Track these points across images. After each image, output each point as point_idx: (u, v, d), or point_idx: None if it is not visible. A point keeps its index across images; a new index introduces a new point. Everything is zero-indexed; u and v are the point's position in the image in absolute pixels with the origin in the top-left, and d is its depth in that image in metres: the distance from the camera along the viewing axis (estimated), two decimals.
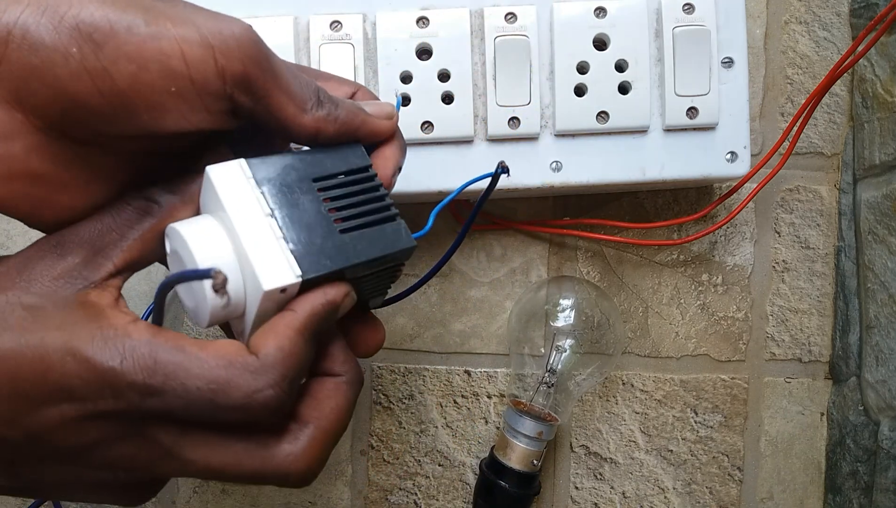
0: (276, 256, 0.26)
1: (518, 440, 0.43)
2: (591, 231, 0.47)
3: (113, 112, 0.25)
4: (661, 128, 0.42)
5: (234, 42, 0.25)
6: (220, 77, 0.25)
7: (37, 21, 0.24)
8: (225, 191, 0.27)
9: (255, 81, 0.26)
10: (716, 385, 0.48)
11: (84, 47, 0.24)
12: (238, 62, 0.26)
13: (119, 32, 0.24)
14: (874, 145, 0.44)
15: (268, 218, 0.27)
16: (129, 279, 0.28)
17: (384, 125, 0.31)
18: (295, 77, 0.28)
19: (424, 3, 0.42)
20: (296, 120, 0.28)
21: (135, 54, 0.24)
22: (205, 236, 0.26)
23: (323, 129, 0.29)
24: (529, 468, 0.43)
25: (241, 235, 0.26)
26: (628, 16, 0.42)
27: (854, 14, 0.47)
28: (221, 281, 0.25)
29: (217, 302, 0.26)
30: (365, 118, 0.30)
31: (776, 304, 0.48)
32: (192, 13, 0.26)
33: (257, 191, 0.27)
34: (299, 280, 0.26)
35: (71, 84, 0.24)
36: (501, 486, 0.43)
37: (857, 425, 0.45)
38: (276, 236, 0.27)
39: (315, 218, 0.28)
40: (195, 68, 0.25)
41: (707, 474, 0.48)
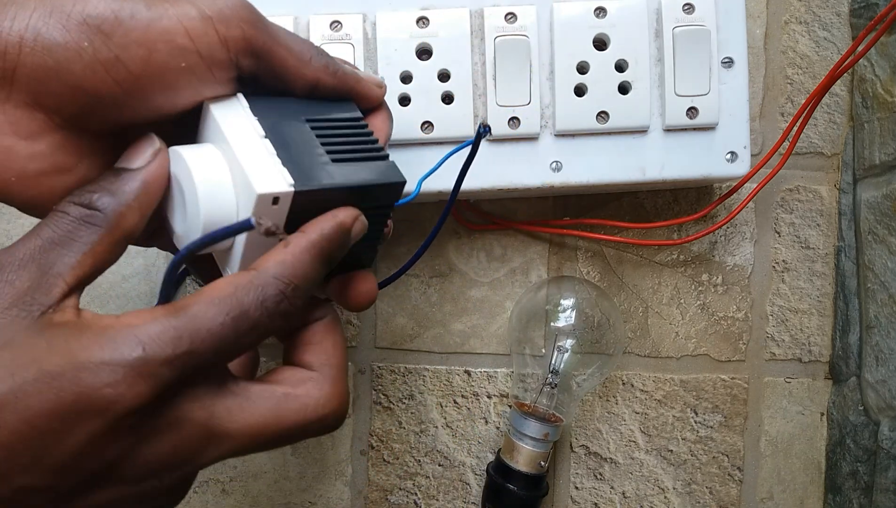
0: (270, 168, 0.27)
1: (524, 442, 0.43)
2: (591, 231, 0.47)
3: (129, 99, 0.26)
4: (661, 128, 0.42)
5: (229, 10, 0.27)
6: (223, 45, 0.27)
7: (46, 22, 0.25)
8: (223, 118, 0.28)
9: (255, 41, 0.27)
10: (716, 385, 0.48)
11: (95, 40, 0.25)
12: (237, 28, 0.27)
13: (124, 20, 0.25)
14: (874, 145, 0.44)
15: (263, 140, 0.28)
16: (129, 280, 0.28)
17: (376, 91, 0.32)
18: (292, 35, 0.29)
19: (424, 3, 0.42)
20: (298, 71, 0.29)
21: (142, 38, 0.25)
22: (203, 157, 0.27)
23: (322, 79, 0.30)
24: (537, 469, 0.43)
25: (236, 151, 0.27)
26: (628, 16, 0.41)
27: (854, 14, 0.47)
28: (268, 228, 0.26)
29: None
30: (359, 78, 0.32)
31: (776, 304, 0.48)
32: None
33: (253, 119, 0.28)
34: (291, 190, 0.27)
35: (87, 78, 0.25)
36: (510, 489, 0.43)
37: (857, 425, 0.45)
38: (270, 152, 0.28)
39: (307, 147, 0.29)
40: (200, 41, 0.26)
41: (707, 474, 0.48)
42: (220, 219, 0.27)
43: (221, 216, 0.27)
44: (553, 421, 0.44)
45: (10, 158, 0.26)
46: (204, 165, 0.27)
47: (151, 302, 0.48)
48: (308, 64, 0.29)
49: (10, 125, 0.25)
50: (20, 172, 0.26)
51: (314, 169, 0.28)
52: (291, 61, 0.29)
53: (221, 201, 0.27)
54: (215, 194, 0.27)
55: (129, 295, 0.48)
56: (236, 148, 0.27)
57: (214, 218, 0.27)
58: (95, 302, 0.48)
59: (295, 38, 0.29)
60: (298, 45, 0.29)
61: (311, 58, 0.30)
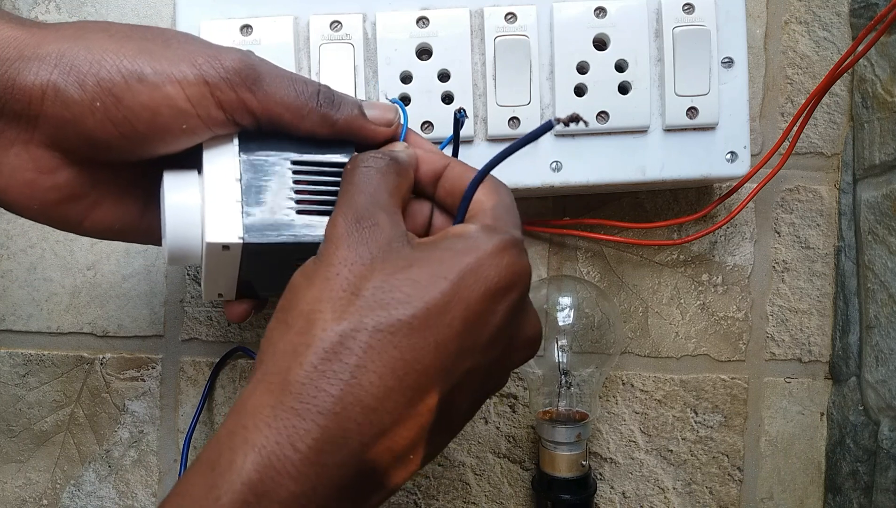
0: (229, 216, 0.30)
1: (560, 450, 0.43)
2: (591, 231, 0.47)
3: (135, 148, 0.30)
4: (661, 128, 0.42)
5: (226, 73, 0.30)
6: (219, 107, 0.30)
7: (65, 80, 0.28)
8: (209, 153, 0.31)
9: (249, 104, 0.30)
10: (716, 385, 0.48)
11: (106, 101, 0.29)
12: (232, 92, 0.30)
13: (132, 84, 0.29)
14: (874, 145, 0.44)
15: (236, 183, 0.31)
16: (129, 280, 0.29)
17: (382, 132, 0.33)
18: (292, 86, 0.31)
19: (424, 3, 0.42)
20: (293, 126, 0.32)
21: (148, 102, 0.29)
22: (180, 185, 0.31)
23: (318, 131, 0.32)
24: (580, 471, 0.43)
25: (206, 191, 0.30)
26: (628, 16, 0.42)
27: (854, 14, 0.47)
28: (566, 119, 0.29)
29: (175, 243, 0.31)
30: (363, 124, 0.33)
31: (776, 304, 0.48)
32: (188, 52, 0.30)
33: (237, 159, 0.31)
34: (241, 242, 0.30)
35: (98, 131, 0.29)
36: (562, 499, 0.43)
37: (857, 425, 0.45)
38: (237, 199, 0.30)
39: (279, 193, 0.31)
40: (198, 106, 0.29)
41: (707, 474, 0.48)
42: (184, 242, 0.31)
43: (185, 242, 0.31)
44: (580, 419, 0.44)
45: (34, 189, 0.31)
46: (178, 194, 0.31)
47: (152, 302, 0.48)
48: (304, 119, 0.31)
49: (33, 162, 0.30)
50: (42, 201, 0.31)
51: (275, 220, 0.31)
52: (287, 117, 0.31)
53: (187, 229, 0.31)
54: (182, 221, 0.31)
55: (130, 295, 0.48)
56: (207, 189, 0.31)
57: (178, 241, 0.31)
58: (95, 302, 0.48)
59: (293, 88, 0.31)
60: (295, 98, 0.31)
61: (309, 112, 0.31)
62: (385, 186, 0.30)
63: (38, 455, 0.49)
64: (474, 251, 0.28)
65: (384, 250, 0.28)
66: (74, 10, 0.49)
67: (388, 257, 0.28)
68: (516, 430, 0.48)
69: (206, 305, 0.48)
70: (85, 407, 0.49)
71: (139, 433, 0.49)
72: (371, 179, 0.30)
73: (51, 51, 0.29)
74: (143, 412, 0.49)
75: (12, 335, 0.49)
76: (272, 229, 0.30)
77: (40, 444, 0.49)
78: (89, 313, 0.49)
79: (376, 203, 0.29)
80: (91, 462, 0.49)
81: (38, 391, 0.49)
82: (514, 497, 0.48)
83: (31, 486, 0.49)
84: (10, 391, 0.49)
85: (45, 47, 0.29)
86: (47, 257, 0.49)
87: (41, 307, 0.49)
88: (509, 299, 0.28)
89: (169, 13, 0.49)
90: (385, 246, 0.28)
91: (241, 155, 0.31)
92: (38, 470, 0.49)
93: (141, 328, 0.49)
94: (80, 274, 0.49)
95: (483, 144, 0.43)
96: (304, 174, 0.32)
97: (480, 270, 0.27)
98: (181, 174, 0.32)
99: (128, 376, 0.49)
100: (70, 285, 0.49)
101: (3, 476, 0.49)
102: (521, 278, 0.28)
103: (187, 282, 0.48)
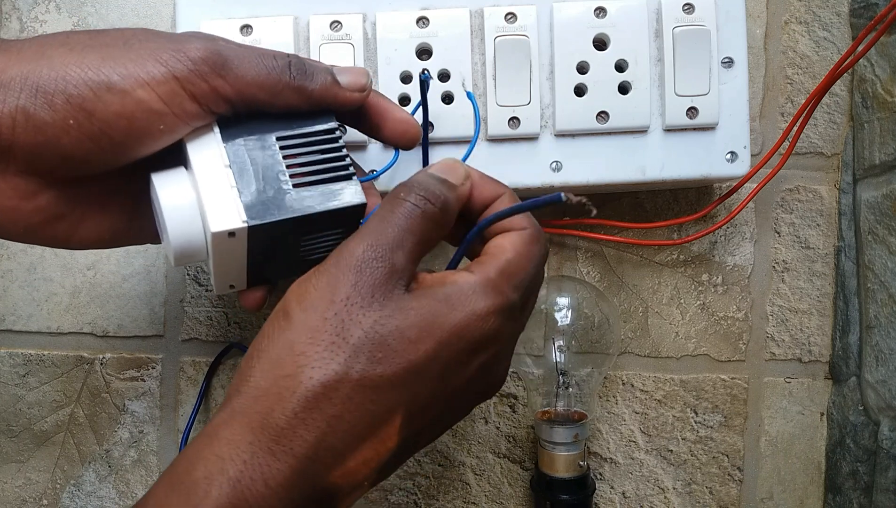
0: (228, 203, 0.30)
1: (558, 450, 0.43)
2: (591, 231, 0.47)
3: (114, 158, 0.30)
4: (661, 128, 0.42)
5: (194, 64, 0.29)
6: (193, 101, 0.29)
7: (34, 104, 0.28)
8: (193, 146, 0.31)
9: (222, 90, 0.30)
10: (716, 385, 0.48)
11: (79, 117, 0.28)
12: (203, 82, 0.29)
13: (102, 95, 0.28)
14: (874, 145, 0.44)
15: (226, 169, 0.30)
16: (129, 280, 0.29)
17: (356, 98, 0.33)
18: (262, 63, 0.31)
19: (424, 3, 0.42)
20: (269, 103, 0.31)
21: (121, 111, 0.28)
22: (171, 184, 0.31)
23: (295, 105, 0.32)
24: (579, 471, 0.43)
25: (199, 183, 0.30)
26: (628, 16, 0.41)
27: (854, 14, 0.47)
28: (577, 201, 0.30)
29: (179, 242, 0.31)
30: (337, 92, 0.33)
31: (776, 304, 0.48)
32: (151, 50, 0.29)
33: (222, 148, 0.31)
34: (245, 225, 0.30)
35: (74, 149, 0.29)
36: (561, 499, 0.43)
37: (857, 425, 0.45)
38: (231, 184, 0.30)
39: (270, 172, 0.31)
40: (172, 103, 0.29)
41: (707, 474, 0.48)
42: (188, 241, 0.31)
43: (189, 239, 0.31)
44: (578, 420, 0.44)
45: (17, 215, 0.30)
46: (172, 195, 0.31)
47: (152, 302, 0.48)
48: (279, 95, 0.31)
49: (13, 190, 0.30)
50: (26, 224, 0.31)
51: (273, 198, 0.30)
52: (262, 96, 0.31)
53: (188, 227, 0.31)
54: (182, 220, 0.30)
55: (129, 295, 0.48)
56: (200, 181, 0.30)
57: (182, 241, 0.31)
58: (95, 302, 0.48)
59: (263, 66, 0.31)
60: (267, 76, 0.30)
61: (283, 87, 0.31)
62: (420, 232, 0.30)
63: (38, 455, 0.49)
64: (465, 308, 0.29)
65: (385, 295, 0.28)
66: (74, 10, 0.49)
67: (386, 303, 0.28)
68: (516, 430, 0.48)
69: (206, 305, 0.48)
70: (85, 407, 0.49)
71: (139, 433, 0.49)
72: (411, 219, 0.30)
73: (14, 75, 0.28)
74: (143, 412, 0.49)
75: (12, 335, 0.49)
76: (273, 207, 0.30)
77: (40, 444, 0.49)
78: (89, 313, 0.49)
79: (402, 246, 0.29)
80: (91, 462, 0.49)
81: (38, 391, 0.49)
82: (514, 497, 0.48)
83: (31, 486, 0.49)
84: (10, 391, 0.49)
85: (7, 73, 0.28)
86: (47, 257, 0.49)
87: (41, 307, 0.49)
88: (484, 356, 0.29)
89: (169, 13, 0.49)
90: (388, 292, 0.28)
91: (225, 142, 0.31)
92: (38, 470, 0.49)
93: (141, 328, 0.49)
94: (80, 274, 0.49)
95: (483, 144, 0.42)
96: (292, 148, 0.31)
97: (466, 330, 0.28)
98: (169, 174, 0.31)
99: (128, 376, 0.49)
100: (70, 285, 0.49)
101: (3, 476, 0.49)
102: (499, 340, 0.30)
103: (187, 282, 0.48)
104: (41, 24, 0.49)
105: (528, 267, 0.31)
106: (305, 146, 0.32)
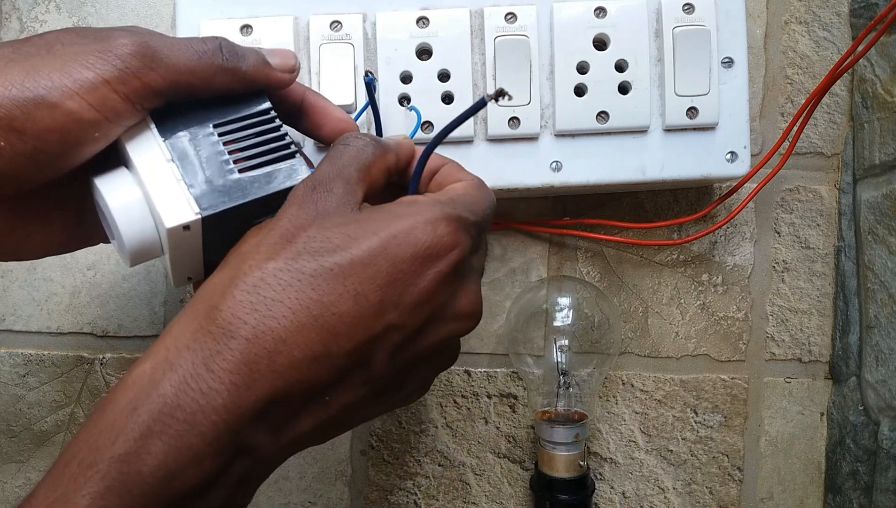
0: (177, 197, 0.30)
1: (558, 450, 0.43)
2: (591, 231, 0.47)
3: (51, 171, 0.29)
4: (661, 128, 0.42)
5: (123, 63, 0.28)
6: (126, 101, 0.29)
7: None
8: (132, 145, 0.30)
9: (155, 84, 0.29)
10: (716, 385, 0.48)
11: (10, 138, 0.27)
12: (135, 79, 0.28)
13: (31, 112, 0.27)
14: (874, 145, 0.44)
15: (170, 164, 0.30)
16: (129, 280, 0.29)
17: (287, 78, 0.33)
18: (192, 49, 0.30)
19: (424, 3, 0.42)
20: (201, 89, 0.31)
21: (53, 125, 0.27)
22: (117, 186, 0.30)
23: (228, 87, 0.31)
24: (578, 471, 0.43)
25: (145, 182, 0.30)
26: (628, 16, 0.42)
27: (854, 14, 0.47)
28: (495, 93, 0.31)
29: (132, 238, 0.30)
30: (269, 72, 0.33)
31: (776, 304, 0.48)
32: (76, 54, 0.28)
33: (160, 141, 0.30)
34: (199, 217, 0.29)
35: (10, 170, 0.28)
36: (560, 500, 0.43)
37: (857, 425, 0.45)
38: (177, 178, 0.30)
39: (214, 161, 0.31)
40: (103, 108, 0.28)
41: (707, 474, 0.48)
42: (142, 239, 0.31)
43: (143, 237, 0.31)
44: (579, 420, 0.44)
45: None
46: (118, 195, 0.30)
47: (152, 302, 0.48)
48: (212, 80, 0.31)
49: None
50: None
51: (222, 186, 0.30)
52: (196, 83, 0.30)
53: (140, 225, 0.30)
54: (133, 219, 0.30)
55: (129, 295, 0.48)
56: (145, 178, 0.30)
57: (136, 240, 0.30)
58: (95, 302, 0.48)
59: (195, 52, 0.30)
60: (199, 61, 0.30)
61: (216, 71, 0.31)
62: (355, 162, 0.31)
63: (38, 455, 0.49)
64: (412, 217, 0.29)
65: (329, 211, 0.29)
66: (74, 9, 0.49)
67: (330, 215, 0.29)
68: (516, 430, 0.48)
69: None
70: (85, 407, 0.49)
71: None
72: (342, 153, 0.31)
73: None
74: None
75: (12, 335, 0.49)
76: (223, 195, 0.30)
77: (40, 444, 0.49)
78: (89, 313, 0.49)
79: (339, 175, 0.30)
80: None
81: (38, 391, 0.49)
82: (514, 497, 0.48)
83: (31, 486, 0.49)
84: (10, 391, 0.49)
85: None
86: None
87: (41, 307, 0.49)
88: (438, 267, 0.29)
89: (169, 13, 0.49)
90: (332, 208, 0.29)
91: (164, 137, 0.31)
92: (38, 470, 0.49)
93: (141, 328, 0.49)
94: (80, 274, 0.49)
95: (483, 144, 0.43)
96: (231, 134, 0.31)
97: (412, 232, 0.28)
98: (112, 176, 0.31)
99: None
100: (70, 285, 0.49)
101: (3, 476, 0.49)
102: (452, 249, 0.29)
103: None
104: (41, 24, 0.49)
105: (478, 197, 0.32)
106: (244, 130, 0.32)
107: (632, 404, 0.48)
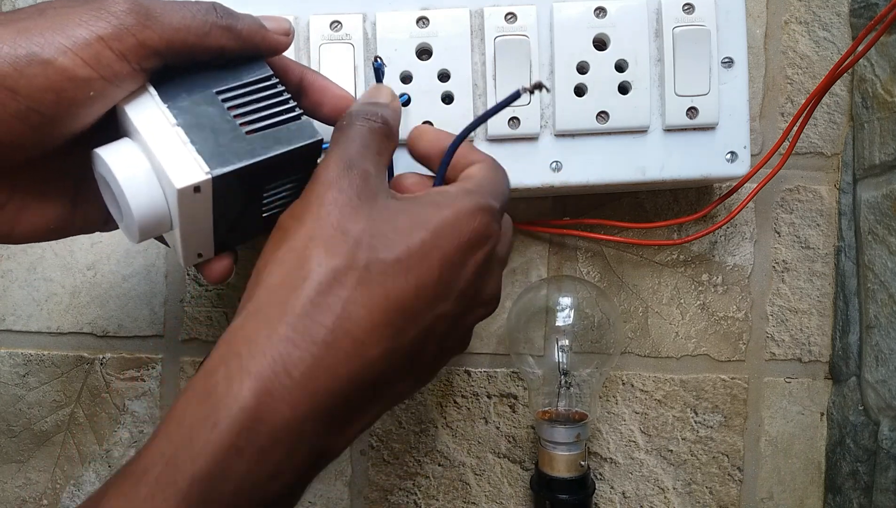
0: (186, 158, 0.29)
1: (559, 450, 0.43)
2: (591, 231, 0.47)
3: (47, 137, 0.28)
4: (661, 128, 0.42)
5: (118, 19, 0.27)
6: (122, 59, 0.28)
7: None
8: (134, 111, 0.29)
9: (151, 43, 0.28)
10: (716, 385, 0.48)
11: (2, 96, 0.26)
12: (129, 36, 0.27)
13: (23, 69, 0.26)
14: (874, 145, 0.44)
15: (175, 128, 0.29)
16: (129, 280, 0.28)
17: (283, 41, 0.33)
18: (186, 8, 0.30)
19: (424, 3, 0.42)
20: (199, 46, 0.30)
21: (47, 84, 0.26)
22: (121, 155, 0.29)
23: (226, 45, 0.31)
24: (579, 471, 0.43)
25: (151, 146, 0.29)
26: (628, 16, 0.42)
27: (854, 14, 0.47)
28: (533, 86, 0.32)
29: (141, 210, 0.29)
30: (265, 34, 0.32)
31: (776, 304, 0.48)
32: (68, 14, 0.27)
33: (163, 107, 0.30)
34: (209, 177, 0.29)
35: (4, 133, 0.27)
36: (561, 499, 0.43)
37: (857, 425, 0.45)
38: (184, 140, 0.29)
39: (220, 124, 0.30)
40: (100, 67, 0.27)
41: (707, 474, 0.48)
42: (151, 210, 0.29)
43: (153, 208, 0.29)
44: (579, 420, 0.44)
45: None
46: (124, 165, 0.29)
47: (152, 302, 0.48)
48: (208, 35, 0.30)
49: None
50: None
51: (230, 147, 0.29)
52: (192, 40, 0.30)
53: (149, 194, 0.29)
54: (141, 189, 0.29)
55: (130, 295, 0.48)
56: (151, 143, 0.29)
57: (145, 211, 0.29)
58: (95, 302, 0.48)
59: (187, 10, 0.30)
60: (193, 18, 0.30)
61: (211, 27, 0.30)
62: (375, 144, 0.31)
63: (38, 455, 0.49)
64: (452, 207, 0.30)
65: (370, 198, 0.29)
66: None
67: (374, 205, 0.29)
68: (516, 430, 0.48)
69: (206, 305, 0.48)
70: (85, 407, 0.49)
71: (139, 434, 0.49)
72: (364, 134, 0.31)
73: None
74: (144, 412, 0.49)
75: (12, 335, 0.49)
76: (232, 155, 0.29)
77: (40, 444, 0.49)
78: (89, 313, 0.49)
79: (366, 156, 0.30)
80: (91, 462, 0.49)
81: (38, 391, 0.49)
82: (514, 497, 0.48)
83: (31, 486, 0.49)
84: (10, 391, 0.49)
85: None
86: (47, 257, 0.49)
87: (41, 307, 0.49)
88: (479, 255, 0.30)
89: None
90: (371, 195, 0.29)
91: (166, 102, 0.30)
92: (38, 470, 0.49)
93: (141, 328, 0.49)
94: (80, 274, 0.49)
95: (483, 144, 0.43)
96: (234, 99, 0.31)
97: (457, 224, 0.29)
98: (115, 145, 0.30)
99: (128, 376, 0.49)
100: (70, 285, 0.49)
101: (3, 476, 0.49)
102: (489, 238, 0.30)
103: (187, 282, 0.48)
104: None
105: (498, 180, 0.33)
106: (247, 95, 0.31)
107: (632, 404, 0.48)
